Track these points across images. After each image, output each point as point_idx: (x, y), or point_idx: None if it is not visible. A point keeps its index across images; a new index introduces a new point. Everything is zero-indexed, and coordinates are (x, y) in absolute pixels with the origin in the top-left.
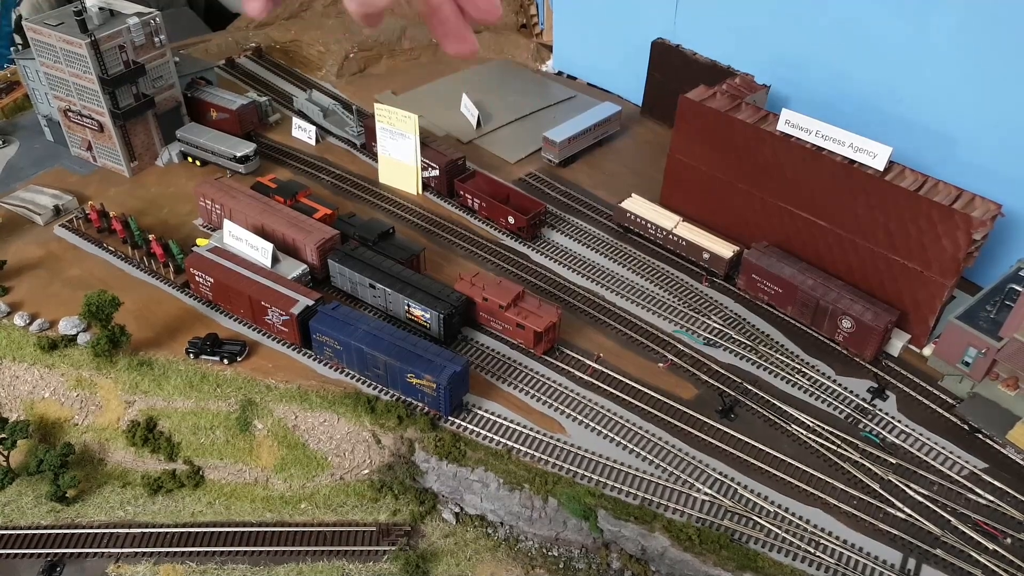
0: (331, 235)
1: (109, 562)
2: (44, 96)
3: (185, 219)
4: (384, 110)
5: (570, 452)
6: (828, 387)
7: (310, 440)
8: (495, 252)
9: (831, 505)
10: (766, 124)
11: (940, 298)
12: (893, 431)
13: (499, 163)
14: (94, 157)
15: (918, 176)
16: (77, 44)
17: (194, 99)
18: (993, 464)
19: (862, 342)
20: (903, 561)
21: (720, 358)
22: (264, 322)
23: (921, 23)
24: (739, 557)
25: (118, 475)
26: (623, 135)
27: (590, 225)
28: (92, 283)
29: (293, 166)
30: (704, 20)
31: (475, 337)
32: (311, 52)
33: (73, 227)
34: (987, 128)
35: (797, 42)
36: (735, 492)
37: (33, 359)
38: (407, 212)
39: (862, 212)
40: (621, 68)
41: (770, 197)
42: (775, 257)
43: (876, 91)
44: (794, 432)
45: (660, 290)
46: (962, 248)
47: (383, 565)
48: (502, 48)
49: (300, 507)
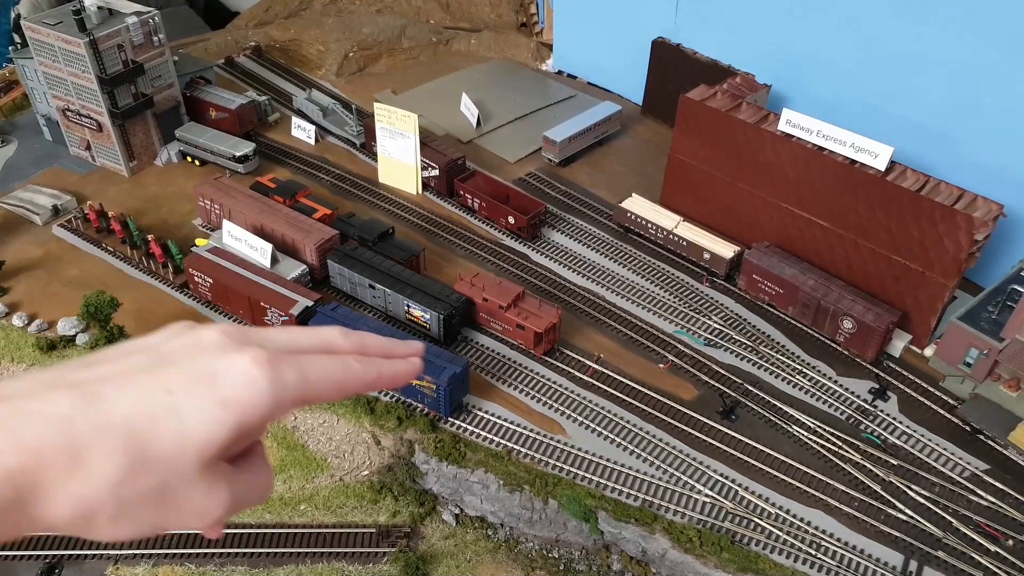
0: (330, 235)
1: (108, 564)
2: (43, 95)
3: (184, 219)
4: (384, 109)
5: (570, 453)
6: (829, 388)
7: (309, 441)
8: (495, 252)
9: (832, 507)
10: (767, 124)
11: (942, 299)
12: (894, 432)
13: (499, 163)
14: (93, 157)
15: (920, 176)
16: (75, 43)
17: (193, 98)
18: (995, 465)
19: (863, 343)
20: (904, 563)
21: (721, 359)
22: (263, 323)
23: (923, 22)
24: (740, 559)
25: None
26: (623, 134)
27: (590, 225)
28: (91, 283)
29: (292, 166)
30: (705, 19)
31: (475, 338)
32: (310, 51)
33: (72, 227)
34: (989, 128)
35: (798, 41)
36: (736, 494)
37: (32, 360)
38: (407, 212)
39: (863, 212)
40: (621, 67)
41: (771, 197)
42: (776, 257)
43: (878, 91)
44: (795, 433)
45: (660, 290)
46: (964, 249)
47: (383, 567)
48: (502, 47)
49: (300, 508)
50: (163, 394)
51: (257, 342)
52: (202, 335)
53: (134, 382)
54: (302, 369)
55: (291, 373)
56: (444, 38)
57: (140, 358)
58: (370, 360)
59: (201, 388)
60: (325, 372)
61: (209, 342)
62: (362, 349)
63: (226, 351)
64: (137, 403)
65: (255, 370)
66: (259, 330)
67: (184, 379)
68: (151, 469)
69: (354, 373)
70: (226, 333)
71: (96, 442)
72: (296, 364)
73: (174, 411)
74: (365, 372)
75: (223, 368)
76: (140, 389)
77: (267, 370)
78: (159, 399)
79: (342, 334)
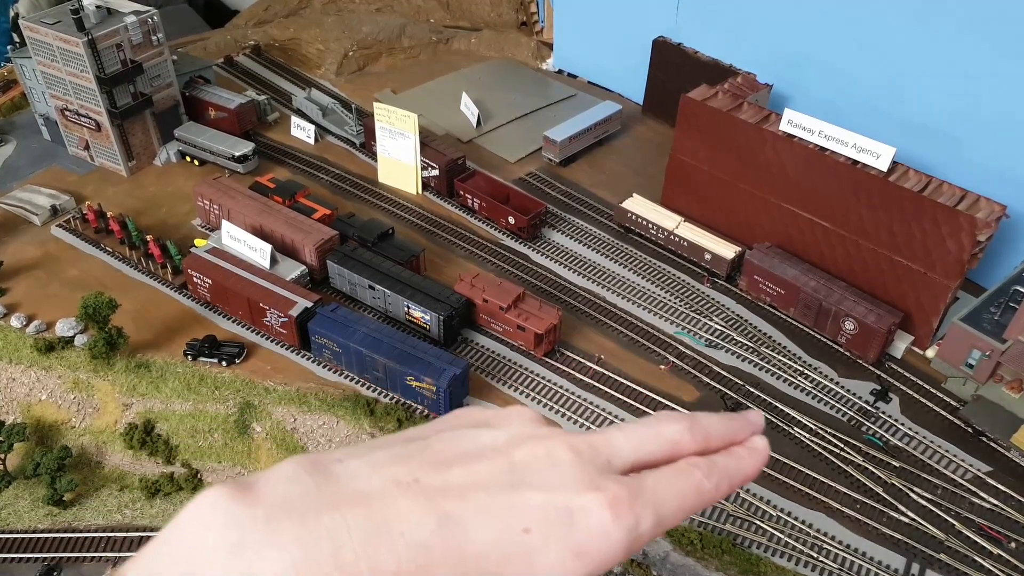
0: (330, 235)
1: (107, 566)
2: (41, 95)
3: (183, 219)
4: (383, 109)
5: None
6: (831, 389)
7: (309, 443)
8: (495, 252)
9: (834, 509)
10: (768, 124)
11: (944, 300)
12: (896, 434)
13: (499, 162)
14: (92, 157)
15: (922, 177)
16: (74, 43)
17: (192, 98)
18: (997, 467)
19: (865, 344)
20: (907, 566)
21: (722, 360)
22: (263, 324)
23: (926, 22)
24: (741, 562)
25: (116, 478)
26: (624, 134)
27: (591, 225)
28: (90, 284)
29: (292, 166)
30: (706, 18)
31: (475, 339)
32: (310, 50)
33: (70, 227)
34: (992, 128)
35: (800, 41)
36: (737, 496)
37: (30, 361)
38: (407, 212)
39: (865, 213)
40: (622, 67)
41: (772, 197)
42: (777, 258)
43: (880, 91)
44: (796, 435)
45: (661, 291)
46: (966, 250)
47: None
48: (502, 46)
49: None
50: (521, 532)
51: (606, 461)
52: (553, 450)
53: (493, 507)
54: (658, 511)
55: (648, 520)
56: (444, 37)
57: (493, 467)
58: (718, 470)
59: (558, 530)
60: (679, 505)
61: (562, 461)
62: (707, 443)
63: (580, 483)
64: (494, 538)
65: (612, 520)
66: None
67: (543, 516)
68: None
69: (706, 496)
70: (576, 450)
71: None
72: (653, 505)
73: (528, 554)
74: (716, 490)
75: (579, 507)
76: (498, 520)
77: (626, 519)
78: (516, 538)
79: (687, 428)
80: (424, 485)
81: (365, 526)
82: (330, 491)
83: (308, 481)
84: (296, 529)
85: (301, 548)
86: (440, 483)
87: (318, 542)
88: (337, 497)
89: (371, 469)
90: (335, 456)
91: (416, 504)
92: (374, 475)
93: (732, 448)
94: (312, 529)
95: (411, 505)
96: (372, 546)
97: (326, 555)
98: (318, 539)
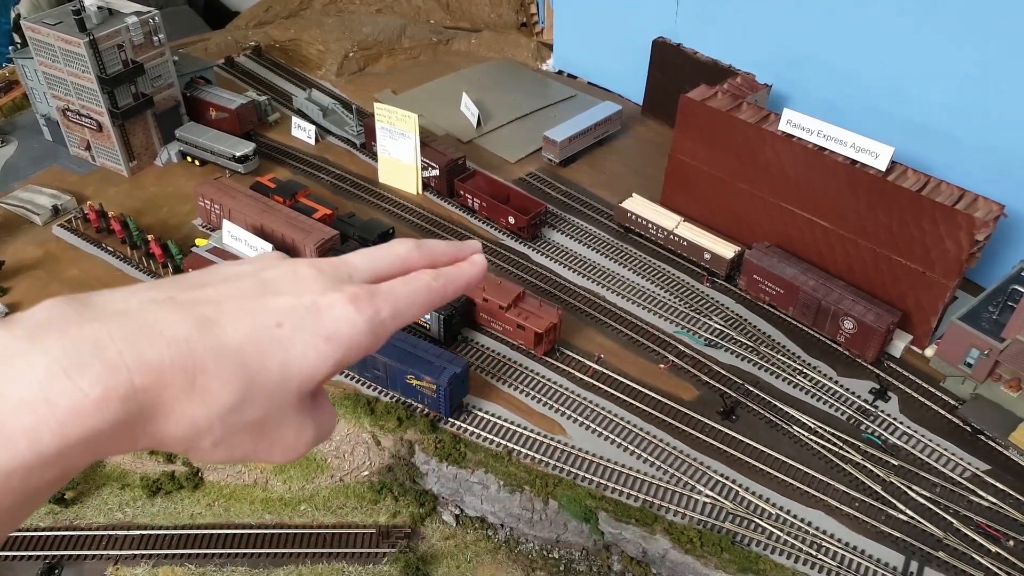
0: (330, 235)
1: (108, 564)
2: (42, 95)
3: (184, 219)
4: (384, 109)
5: (571, 454)
6: (830, 388)
7: None
8: (495, 252)
9: (833, 507)
10: (768, 124)
11: (942, 299)
12: (895, 432)
13: (499, 163)
14: (93, 157)
15: (920, 176)
16: (75, 43)
17: (193, 98)
18: (996, 466)
19: (864, 343)
20: (905, 564)
21: (721, 359)
22: None
23: (925, 21)
24: (740, 560)
25: (117, 477)
26: (624, 134)
27: (591, 225)
28: (91, 284)
29: (292, 166)
30: (705, 19)
31: (475, 338)
32: (310, 51)
33: (72, 227)
34: (990, 128)
35: (799, 41)
36: (736, 494)
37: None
38: (407, 212)
39: (864, 212)
40: (622, 67)
41: (771, 197)
42: (776, 258)
43: (879, 91)
44: (795, 434)
45: (661, 290)
46: (965, 249)
47: (383, 567)
48: (502, 47)
49: (300, 509)
50: (273, 326)
51: (346, 275)
52: (298, 268)
53: (245, 310)
54: (394, 304)
55: (385, 309)
56: (444, 38)
57: (245, 284)
58: (444, 274)
59: (307, 322)
60: (412, 300)
61: (305, 276)
62: (433, 260)
63: (324, 287)
64: (249, 332)
65: (354, 310)
66: (343, 260)
67: (291, 311)
68: (258, 400)
69: (435, 293)
70: (318, 268)
71: (212, 368)
72: (388, 299)
73: (282, 344)
74: (444, 289)
75: (325, 304)
76: (251, 318)
77: (367, 310)
78: (270, 331)
79: (415, 247)
80: (179, 300)
81: (126, 330)
82: (89, 313)
83: (67, 307)
84: (59, 339)
85: (64, 351)
86: (194, 297)
87: (80, 344)
88: (96, 313)
89: (128, 294)
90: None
91: (173, 312)
92: (131, 298)
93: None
94: (74, 337)
95: (168, 313)
96: (135, 344)
97: (88, 355)
98: (80, 342)
